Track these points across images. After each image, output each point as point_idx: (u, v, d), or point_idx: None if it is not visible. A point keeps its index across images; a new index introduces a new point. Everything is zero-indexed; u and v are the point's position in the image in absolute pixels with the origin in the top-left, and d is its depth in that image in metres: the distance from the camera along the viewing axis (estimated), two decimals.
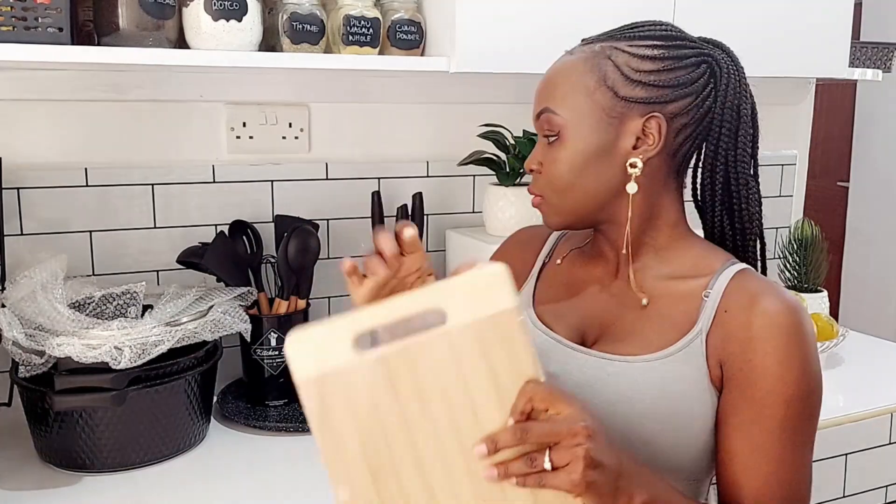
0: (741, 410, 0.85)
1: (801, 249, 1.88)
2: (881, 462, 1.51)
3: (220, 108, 1.53)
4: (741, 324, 0.85)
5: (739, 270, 0.90)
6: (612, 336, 0.92)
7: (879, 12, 3.64)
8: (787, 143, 2.10)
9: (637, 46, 0.89)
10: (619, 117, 0.88)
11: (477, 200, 1.75)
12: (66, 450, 1.20)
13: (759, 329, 0.84)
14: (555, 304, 0.98)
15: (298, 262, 1.45)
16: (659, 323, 0.90)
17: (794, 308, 0.85)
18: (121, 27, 1.23)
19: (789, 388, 0.83)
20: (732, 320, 0.86)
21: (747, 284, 0.88)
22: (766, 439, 0.84)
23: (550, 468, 0.68)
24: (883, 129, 3.75)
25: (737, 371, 0.85)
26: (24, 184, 1.40)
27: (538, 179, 0.93)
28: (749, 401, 0.84)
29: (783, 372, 0.83)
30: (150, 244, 1.49)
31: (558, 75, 0.91)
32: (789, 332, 0.84)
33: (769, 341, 0.83)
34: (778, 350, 0.83)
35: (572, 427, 0.69)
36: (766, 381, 0.83)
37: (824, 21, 1.68)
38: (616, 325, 0.93)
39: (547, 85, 0.92)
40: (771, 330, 0.84)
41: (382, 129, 1.67)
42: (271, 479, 1.21)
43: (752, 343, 0.84)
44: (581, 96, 0.88)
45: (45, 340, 1.15)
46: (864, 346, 1.84)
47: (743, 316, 0.85)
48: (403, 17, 1.44)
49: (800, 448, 0.86)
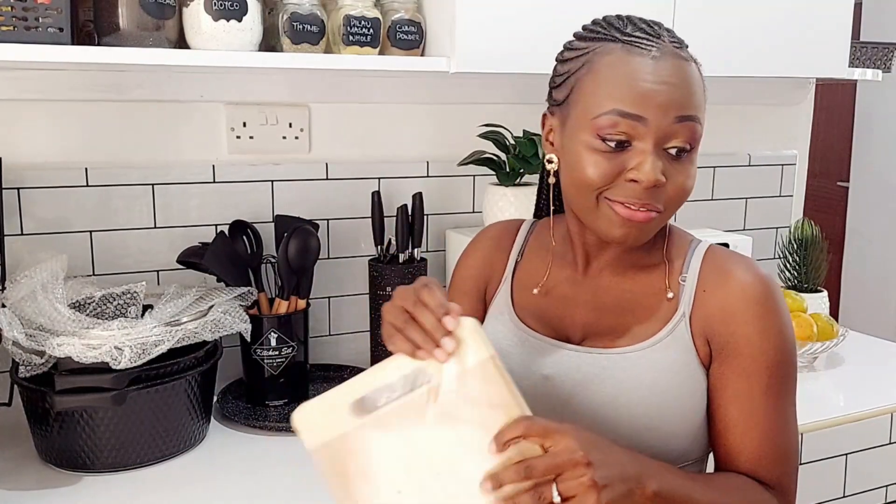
0: (732, 381, 0.88)
1: (801, 249, 1.88)
2: (881, 462, 1.51)
3: (220, 108, 1.53)
4: (720, 300, 0.89)
5: (707, 249, 0.94)
6: (597, 333, 0.93)
7: (879, 12, 3.64)
8: (787, 143, 2.10)
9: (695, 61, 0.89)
10: None
11: (477, 200, 1.75)
12: (67, 450, 1.20)
13: (737, 302, 0.88)
14: (533, 306, 0.98)
15: (298, 262, 1.45)
16: (641, 313, 0.92)
17: (764, 279, 0.90)
18: (121, 27, 1.23)
19: (770, 355, 0.87)
20: (711, 298, 0.90)
21: (718, 262, 0.92)
22: (756, 406, 0.88)
23: (560, 500, 0.72)
24: (883, 129, 3.75)
25: (724, 345, 0.89)
26: (24, 184, 1.40)
27: (658, 194, 0.85)
28: (738, 371, 0.88)
29: (763, 339, 0.87)
30: (150, 244, 1.49)
31: (691, 81, 0.85)
32: (765, 302, 0.88)
33: (748, 312, 0.88)
34: (757, 319, 0.87)
35: (572, 458, 0.72)
36: (750, 350, 0.87)
37: (824, 21, 1.68)
38: (599, 322, 0.94)
39: (685, 90, 0.84)
40: (748, 302, 0.88)
41: (382, 129, 1.67)
42: (271, 479, 1.21)
43: (733, 316, 0.88)
44: (704, 109, 0.87)
45: (46, 340, 1.15)
46: (864, 346, 1.84)
47: (720, 292, 0.89)
48: (403, 17, 1.44)
49: (785, 409, 0.89)
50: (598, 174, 0.84)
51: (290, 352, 1.44)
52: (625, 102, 0.82)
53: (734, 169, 2.01)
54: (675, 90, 0.83)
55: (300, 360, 1.47)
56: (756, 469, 0.88)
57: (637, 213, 0.84)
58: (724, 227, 1.99)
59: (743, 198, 2.04)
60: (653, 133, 0.83)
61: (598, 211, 0.86)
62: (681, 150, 0.84)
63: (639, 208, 0.84)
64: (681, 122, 0.83)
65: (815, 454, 1.44)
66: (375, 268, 1.57)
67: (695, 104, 0.85)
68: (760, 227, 2.07)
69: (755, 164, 2.04)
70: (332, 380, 1.58)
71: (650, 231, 0.88)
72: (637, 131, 0.83)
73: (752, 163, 2.04)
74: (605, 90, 0.83)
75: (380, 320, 1.56)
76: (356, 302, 1.67)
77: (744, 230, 2.04)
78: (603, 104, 0.83)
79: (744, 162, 2.03)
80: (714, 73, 1.59)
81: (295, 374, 1.46)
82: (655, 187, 0.83)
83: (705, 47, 1.57)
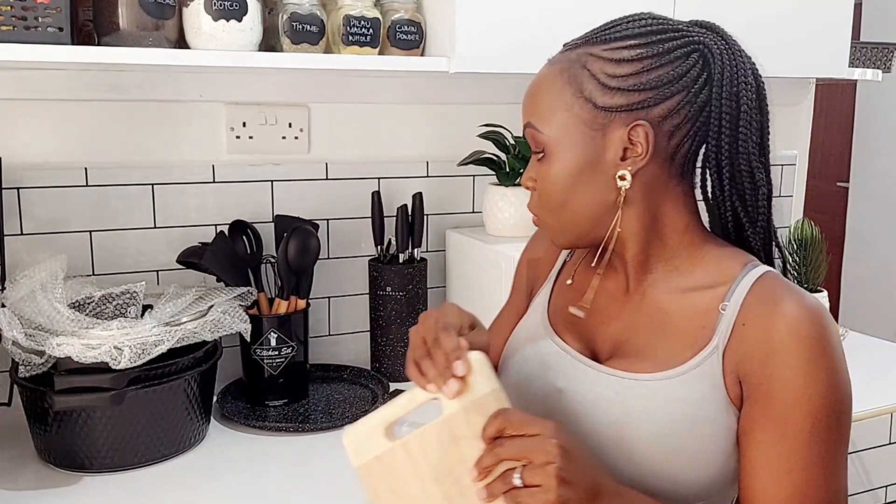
0: (763, 427, 0.79)
1: (801, 249, 1.88)
2: (881, 462, 1.51)
3: (220, 108, 1.53)
4: (760, 336, 0.80)
5: (760, 276, 0.83)
6: (624, 353, 0.88)
7: (879, 12, 3.64)
8: (787, 143, 2.10)
9: (613, 49, 0.83)
10: (601, 129, 0.83)
11: (477, 200, 1.75)
12: (66, 449, 1.20)
13: (779, 340, 0.78)
14: (569, 316, 0.92)
15: (298, 262, 1.45)
16: (673, 339, 0.85)
17: (816, 314, 0.80)
18: (121, 27, 1.23)
19: (814, 402, 0.77)
20: (751, 333, 0.80)
21: (767, 292, 0.82)
22: (791, 456, 0.78)
23: (522, 485, 0.72)
24: (883, 129, 3.75)
25: (756, 386, 0.80)
26: (24, 184, 1.40)
27: (533, 197, 0.90)
28: (771, 417, 0.79)
29: (807, 384, 0.77)
30: (150, 244, 1.49)
31: (539, 88, 0.87)
32: (812, 341, 0.78)
33: (791, 353, 0.78)
34: (801, 362, 0.78)
35: (542, 444, 0.72)
36: (788, 395, 0.78)
37: (824, 21, 1.68)
38: (630, 341, 0.88)
39: (529, 98, 0.88)
40: (792, 340, 0.78)
41: (382, 129, 1.67)
42: (271, 479, 1.21)
43: (772, 356, 0.79)
44: (561, 111, 0.84)
45: (45, 340, 1.15)
46: (864, 346, 1.84)
47: (762, 327, 0.80)
48: (403, 17, 1.44)
49: (829, 463, 0.79)
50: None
51: (289, 352, 1.44)
52: None
53: None
54: (526, 97, 0.88)
55: (300, 360, 1.47)
56: None
57: (533, 219, 0.91)
58: None
59: None
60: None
61: None
62: (538, 154, 0.87)
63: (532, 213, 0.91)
64: (527, 129, 0.87)
65: None
66: (375, 268, 1.57)
67: (535, 112, 0.86)
68: None
69: None
70: (331, 380, 1.58)
71: (552, 235, 0.90)
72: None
73: None
74: None
75: (379, 320, 1.57)
76: (356, 302, 1.67)
77: None
78: None
79: None
80: None
81: (295, 375, 1.46)
82: (532, 190, 0.89)
83: None
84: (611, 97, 0.82)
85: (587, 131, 0.83)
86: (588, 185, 0.84)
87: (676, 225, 0.87)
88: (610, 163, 0.83)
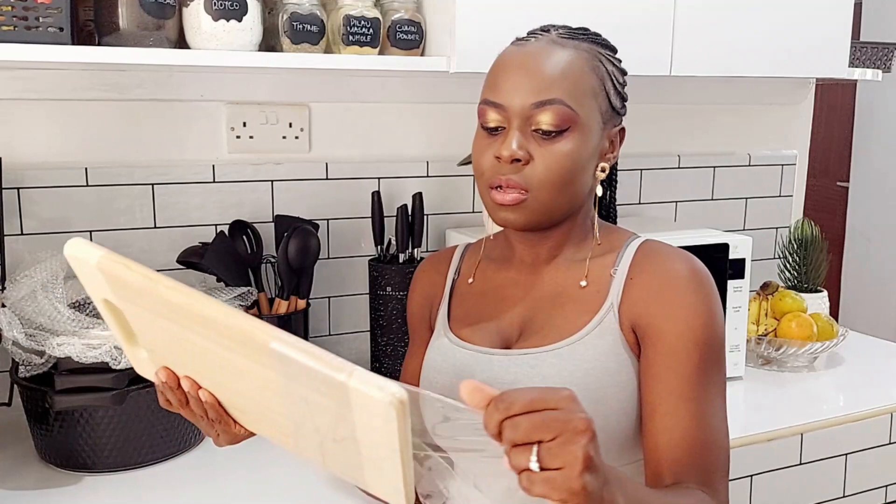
0: (656, 362, 0.87)
1: (801, 249, 1.88)
2: (881, 462, 1.51)
3: (221, 107, 1.54)
4: (647, 282, 0.89)
5: (643, 242, 0.95)
6: (532, 331, 0.93)
7: (879, 12, 3.64)
8: (787, 143, 2.10)
9: (614, 58, 0.94)
10: (607, 123, 0.93)
11: (477, 200, 1.75)
12: (67, 449, 1.20)
13: (662, 283, 0.89)
14: (473, 318, 0.99)
15: (298, 262, 1.45)
16: (573, 307, 0.92)
17: (695, 262, 0.90)
18: (121, 27, 1.23)
19: (698, 333, 0.86)
20: (639, 283, 0.90)
21: (650, 251, 0.93)
22: (683, 386, 0.85)
23: (538, 468, 0.58)
24: (883, 129, 3.75)
25: (647, 327, 0.88)
26: (24, 183, 1.40)
27: (524, 171, 0.87)
28: (662, 351, 0.86)
29: (689, 317, 0.86)
30: (151, 244, 1.49)
31: (568, 68, 0.88)
32: (692, 283, 0.88)
33: (675, 289, 0.88)
34: (685, 296, 0.87)
35: (570, 418, 0.59)
36: (676, 328, 0.86)
37: (824, 21, 1.68)
38: (534, 319, 0.94)
39: (558, 76, 0.88)
40: (673, 282, 0.88)
41: (382, 129, 1.67)
42: (271, 479, 1.21)
43: (657, 296, 0.88)
44: (589, 97, 0.90)
45: (46, 340, 1.15)
46: (864, 346, 1.84)
47: (648, 275, 0.90)
48: (403, 17, 1.44)
49: (718, 395, 0.88)
50: (478, 157, 0.92)
51: None
52: (488, 91, 0.91)
53: (734, 169, 2.01)
54: (532, 75, 0.88)
55: None
56: (682, 457, 0.83)
57: (505, 196, 0.88)
58: (723, 227, 1.98)
59: (743, 198, 2.04)
60: (515, 117, 0.88)
61: (486, 200, 0.91)
62: (548, 132, 0.87)
63: (506, 191, 0.88)
64: (541, 107, 0.87)
65: (815, 454, 1.44)
66: (375, 268, 1.57)
67: (554, 87, 0.87)
68: (760, 227, 2.07)
69: (755, 164, 2.04)
70: None
71: (529, 213, 0.89)
72: (503, 116, 0.89)
73: (752, 163, 2.04)
74: (484, 83, 0.93)
75: (379, 320, 1.57)
76: (356, 302, 1.67)
77: (744, 230, 2.04)
78: (481, 95, 0.92)
79: (744, 162, 2.03)
80: (714, 73, 1.61)
81: None
82: (516, 163, 0.87)
83: (705, 47, 1.58)
84: (617, 98, 0.94)
85: (601, 122, 0.92)
86: (587, 170, 0.92)
87: (590, 210, 0.98)
88: (601, 154, 0.94)
